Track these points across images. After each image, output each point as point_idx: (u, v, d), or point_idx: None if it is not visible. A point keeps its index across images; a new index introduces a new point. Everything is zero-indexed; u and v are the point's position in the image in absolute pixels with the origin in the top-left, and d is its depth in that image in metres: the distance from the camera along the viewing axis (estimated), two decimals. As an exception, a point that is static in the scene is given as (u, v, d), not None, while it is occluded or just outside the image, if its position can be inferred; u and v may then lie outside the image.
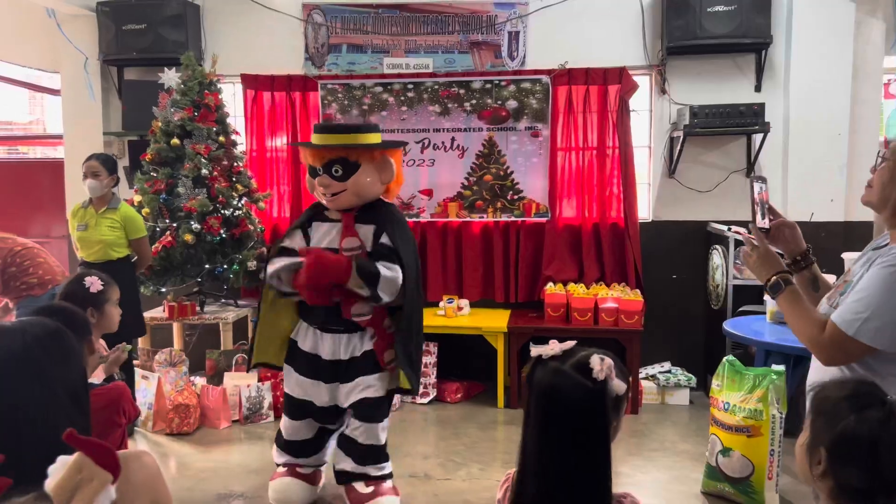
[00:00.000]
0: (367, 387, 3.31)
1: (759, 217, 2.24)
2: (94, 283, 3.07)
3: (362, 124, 3.66)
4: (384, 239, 3.20)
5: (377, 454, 3.41)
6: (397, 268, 3.16)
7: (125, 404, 3.03)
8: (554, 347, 1.46)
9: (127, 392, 3.12)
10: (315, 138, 3.22)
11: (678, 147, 5.35)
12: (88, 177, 4.52)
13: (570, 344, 1.48)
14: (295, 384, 3.44)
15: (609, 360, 1.44)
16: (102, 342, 3.25)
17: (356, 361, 3.31)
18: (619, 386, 1.43)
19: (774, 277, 2.10)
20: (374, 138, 3.26)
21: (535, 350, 1.46)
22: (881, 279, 1.92)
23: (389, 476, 3.49)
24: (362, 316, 3.22)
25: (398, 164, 3.34)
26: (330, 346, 3.33)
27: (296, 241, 3.34)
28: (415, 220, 5.65)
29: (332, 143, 3.17)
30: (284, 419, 3.58)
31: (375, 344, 3.30)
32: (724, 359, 3.87)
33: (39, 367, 1.39)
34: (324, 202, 3.26)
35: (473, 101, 5.59)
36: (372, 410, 3.34)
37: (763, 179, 2.33)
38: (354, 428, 3.36)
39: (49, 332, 1.46)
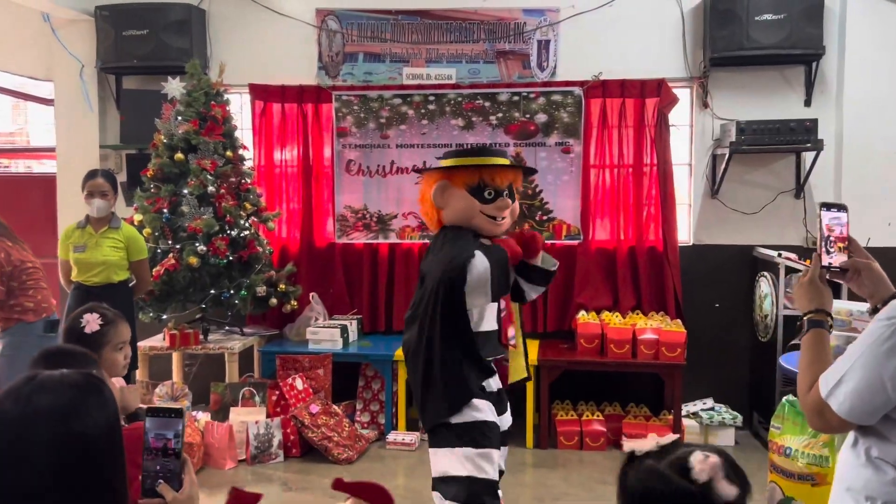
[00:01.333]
0: None
1: (823, 251, 2.02)
2: (90, 322, 2.89)
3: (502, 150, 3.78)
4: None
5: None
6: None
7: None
8: (649, 442, 1.35)
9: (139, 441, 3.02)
10: (496, 160, 3.12)
11: (722, 165, 5.29)
12: (96, 196, 4.47)
13: (670, 438, 1.36)
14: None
15: (714, 459, 1.30)
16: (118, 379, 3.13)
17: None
18: (727, 490, 1.27)
19: (809, 315, 1.94)
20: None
21: (628, 445, 1.36)
22: (868, 333, 1.71)
23: None
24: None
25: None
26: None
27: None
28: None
29: (516, 165, 3.24)
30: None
31: None
32: (784, 399, 3.76)
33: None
34: (488, 227, 3.08)
35: (500, 115, 5.54)
36: None
37: (837, 207, 2.06)
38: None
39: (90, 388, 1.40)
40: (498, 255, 2.95)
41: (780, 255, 4.99)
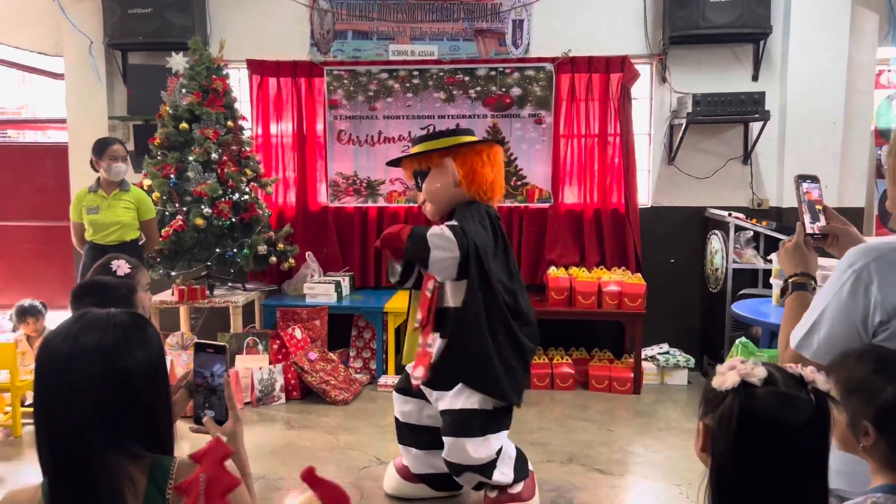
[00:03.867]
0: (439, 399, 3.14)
1: (806, 219, 1.98)
2: (120, 266, 2.90)
3: (441, 131, 3.37)
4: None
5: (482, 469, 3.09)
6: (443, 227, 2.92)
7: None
8: (751, 369, 1.21)
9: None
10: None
11: (679, 134, 5.31)
12: (118, 160, 4.42)
13: (752, 365, 1.23)
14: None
15: (812, 367, 1.25)
16: None
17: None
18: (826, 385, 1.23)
19: (793, 278, 1.92)
20: (442, 143, 3.08)
21: (729, 375, 1.21)
22: (831, 282, 1.66)
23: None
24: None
25: (481, 162, 3.08)
26: None
27: None
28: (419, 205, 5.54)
29: (407, 155, 3.19)
30: None
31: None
32: (738, 340, 3.85)
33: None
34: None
35: (478, 89, 5.50)
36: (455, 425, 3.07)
37: (811, 179, 2.04)
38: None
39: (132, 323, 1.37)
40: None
41: (729, 214, 5.07)
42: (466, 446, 2.99)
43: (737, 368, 1.22)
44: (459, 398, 3.00)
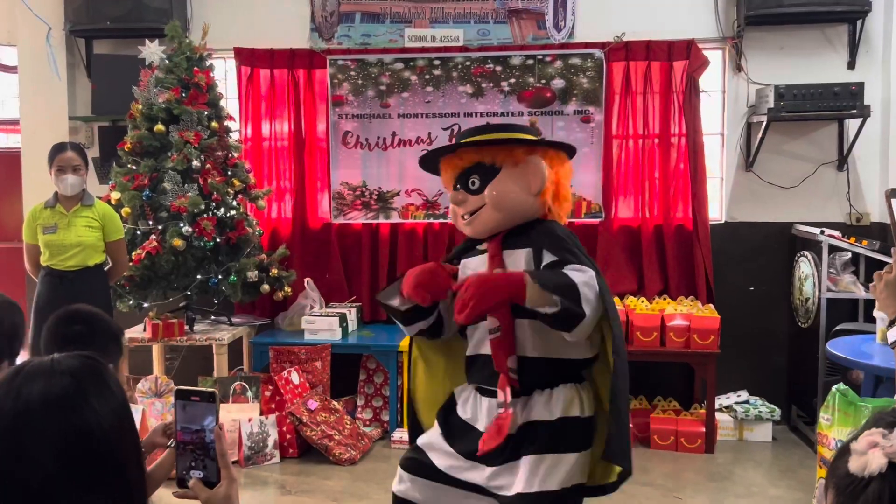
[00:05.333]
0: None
1: None
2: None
3: (506, 124, 3.19)
4: (547, 255, 2.64)
5: None
6: (586, 269, 2.54)
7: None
8: (878, 455, 1.13)
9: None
10: (454, 146, 2.79)
11: (758, 135, 5.30)
12: (68, 172, 4.44)
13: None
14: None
15: None
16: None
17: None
18: None
19: None
20: (530, 136, 2.78)
21: (873, 456, 1.12)
22: None
23: None
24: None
25: (559, 173, 2.75)
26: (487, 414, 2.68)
27: None
28: (441, 221, 5.57)
29: (457, 143, 2.76)
30: None
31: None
32: (834, 388, 3.78)
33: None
34: (463, 230, 2.77)
35: (512, 81, 5.53)
36: None
37: None
38: None
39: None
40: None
41: (822, 232, 5.02)
42: None
43: (880, 445, 1.13)
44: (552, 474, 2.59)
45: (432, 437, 2.79)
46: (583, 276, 2.44)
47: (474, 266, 2.71)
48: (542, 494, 2.50)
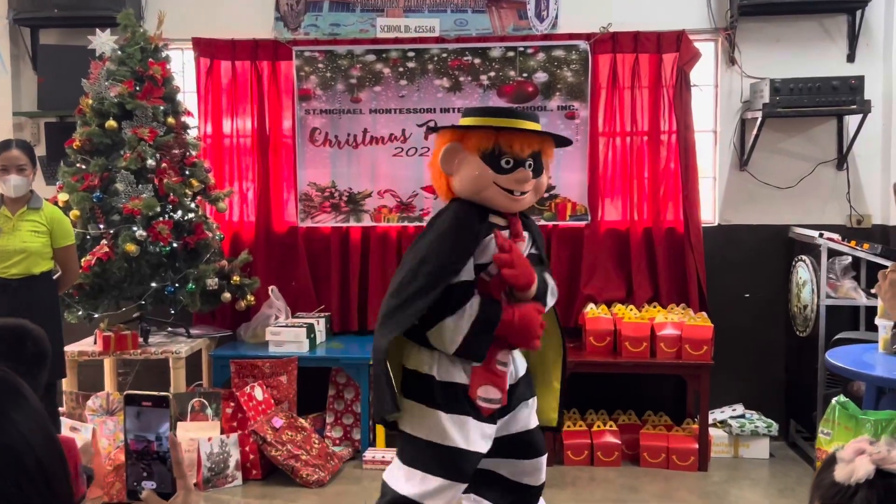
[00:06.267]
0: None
1: None
2: None
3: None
4: (533, 250, 3.26)
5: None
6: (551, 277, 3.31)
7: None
8: (888, 452, 1.18)
9: (75, 448, 2.99)
10: (518, 124, 3.09)
11: (753, 132, 5.34)
12: (12, 171, 4.40)
13: (883, 446, 1.21)
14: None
15: None
16: None
17: None
18: None
19: None
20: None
21: (859, 463, 1.17)
22: None
23: None
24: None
25: None
26: None
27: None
28: (417, 224, 5.56)
29: (544, 132, 3.20)
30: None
31: None
32: (834, 400, 3.81)
33: None
34: (504, 203, 3.10)
35: (492, 74, 5.54)
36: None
37: None
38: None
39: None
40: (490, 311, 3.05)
41: (821, 235, 5.05)
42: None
43: (868, 453, 1.17)
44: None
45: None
46: (552, 284, 3.27)
47: (491, 243, 3.09)
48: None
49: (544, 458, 3.32)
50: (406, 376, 3.14)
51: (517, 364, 3.23)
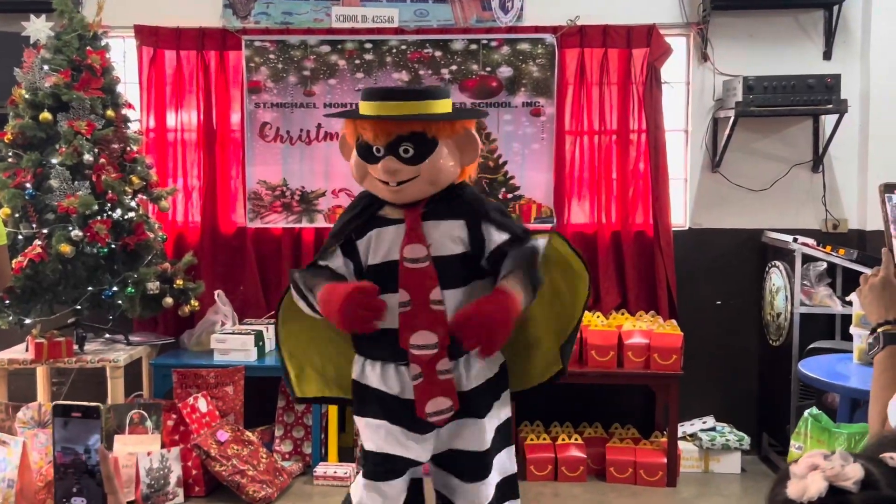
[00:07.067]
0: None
1: (894, 243, 2.06)
2: None
3: (434, 88, 3.49)
4: (495, 233, 3.04)
5: None
6: (535, 239, 3.06)
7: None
8: (841, 468, 1.15)
9: None
10: (375, 107, 3.01)
11: (725, 131, 5.38)
12: None
13: (839, 460, 1.17)
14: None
15: None
16: None
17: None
18: None
19: (884, 327, 1.95)
20: (449, 106, 3.15)
21: (812, 479, 1.22)
22: None
23: None
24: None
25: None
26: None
27: (337, 263, 3.12)
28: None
29: (407, 114, 3.00)
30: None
31: None
32: (806, 413, 3.87)
33: None
34: (384, 194, 3.05)
35: (454, 68, 5.55)
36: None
37: None
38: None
39: None
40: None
41: (795, 240, 5.11)
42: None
43: (821, 468, 1.17)
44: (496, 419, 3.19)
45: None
46: (540, 247, 3.00)
47: (390, 238, 3.02)
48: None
49: (481, 485, 3.12)
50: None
51: (470, 372, 3.08)
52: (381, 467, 3.08)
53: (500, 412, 3.15)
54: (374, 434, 3.08)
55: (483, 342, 2.78)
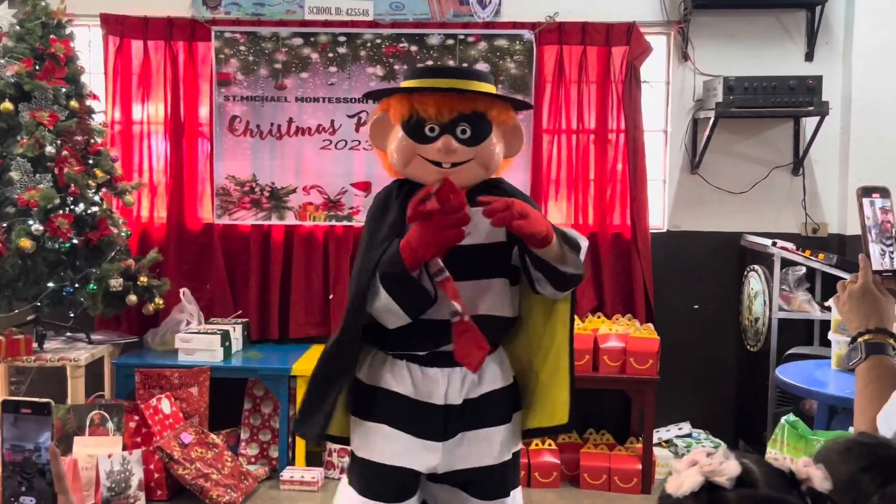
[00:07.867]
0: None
1: (874, 250, 1.98)
2: None
3: (487, 72, 3.30)
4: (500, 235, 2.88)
5: None
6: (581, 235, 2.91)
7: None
8: (718, 464, 1.27)
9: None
10: (437, 82, 2.88)
11: (705, 132, 5.41)
12: None
13: (717, 458, 1.27)
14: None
15: (806, 458, 1.26)
16: None
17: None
18: (825, 482, 1.23)
19: (864, 336, 1.93)
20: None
21: (688, 475, 1.26)
22: None
23: None
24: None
25: None
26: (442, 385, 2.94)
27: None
28: (345, 223, 5.54)
29: (477, 90, 2.85)
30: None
31: None
32: (783, 419, 3.87)
33: None
34: (433, 178, 2.80)
35: (429, 63, 5.52)
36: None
37: (880, 192, 2.04)
38: None
39: None
40: None
41: (774, 244, 5.14)
42: None
43: (699, 464, 1.19)
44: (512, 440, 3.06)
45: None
46: (583, 242, 2.85)
47: None
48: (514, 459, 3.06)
49: None
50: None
51: (483, 375, 2.91)
52: (388, 483, 2.92)
53: (512, 437, 3.00)
54: (387, 442, 2.90)
55: (510, 206, 2.59)
